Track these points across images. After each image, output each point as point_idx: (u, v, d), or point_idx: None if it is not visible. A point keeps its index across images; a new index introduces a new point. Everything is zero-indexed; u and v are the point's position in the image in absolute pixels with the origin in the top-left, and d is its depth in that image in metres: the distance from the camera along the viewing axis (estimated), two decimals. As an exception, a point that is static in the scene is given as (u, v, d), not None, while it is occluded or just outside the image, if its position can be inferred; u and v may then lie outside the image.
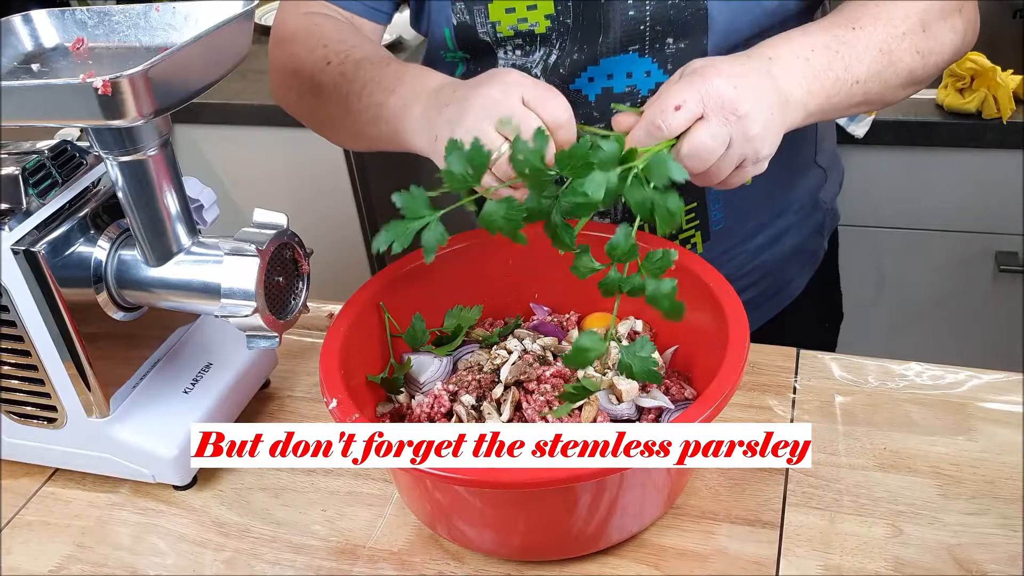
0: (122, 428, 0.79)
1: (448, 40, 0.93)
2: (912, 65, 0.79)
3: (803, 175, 1.04)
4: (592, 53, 0.88)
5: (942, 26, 0.81)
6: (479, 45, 0.92)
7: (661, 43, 0.87)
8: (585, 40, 0.88)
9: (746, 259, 1.02)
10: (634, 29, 0.86)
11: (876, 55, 0.77)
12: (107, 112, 0.60)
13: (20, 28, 0.76)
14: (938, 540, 0.70)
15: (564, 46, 0.89)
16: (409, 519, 0.77)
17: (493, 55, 0.92)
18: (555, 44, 0.89)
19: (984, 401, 0.82)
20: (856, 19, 0.78)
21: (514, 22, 0.89)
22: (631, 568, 0.71)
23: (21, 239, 0.70)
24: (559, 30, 0.88)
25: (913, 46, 0.79)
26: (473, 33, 0.91)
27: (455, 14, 0.90)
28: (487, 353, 0.81)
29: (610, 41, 0.87)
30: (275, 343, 0.73)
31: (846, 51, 0.76)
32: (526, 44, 0.90)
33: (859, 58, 0.76)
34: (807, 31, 0.76)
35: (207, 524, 0.80)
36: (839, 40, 0.76)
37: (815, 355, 0.89)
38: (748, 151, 0.69)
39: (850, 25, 0.77)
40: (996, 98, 1.42)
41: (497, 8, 0.88)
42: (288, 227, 0.73)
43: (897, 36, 0.78)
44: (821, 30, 0.76)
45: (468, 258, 0.85)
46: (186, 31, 0.73)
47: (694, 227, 0.96)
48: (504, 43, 0.91)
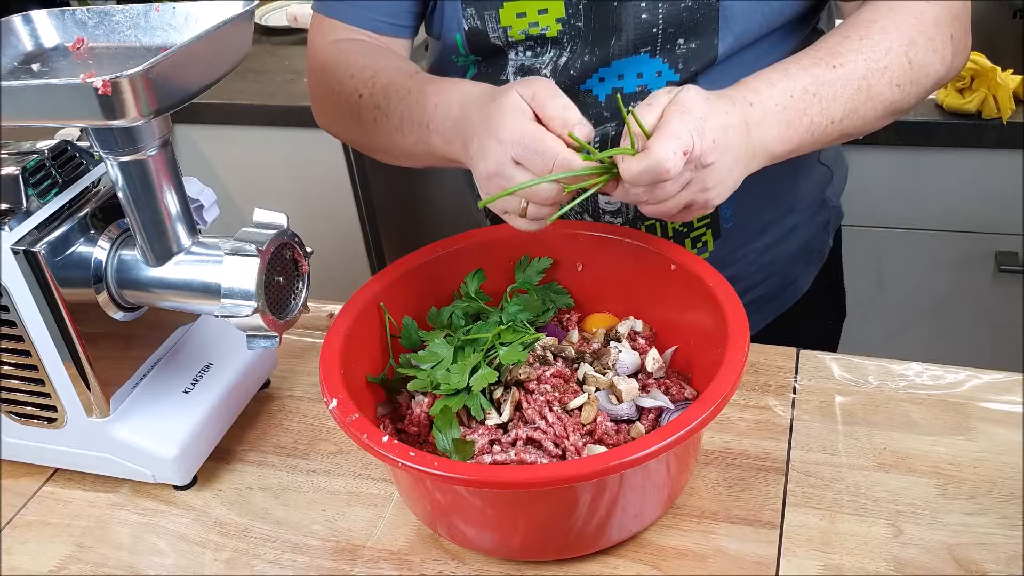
0: (122, 428, 0.79)
1: (460, 45, 0.93)
2: (892, 98, 0.79)
3: (808, 173, 1.04)
4: (604, 55, 0.88)
5: (931, 58, 0.79)
6: (490, 48, 0.92)
7: (673, 44, 0.87)
8: (597, 42, 0.88)
9: (755, 256, 1.02)
10: (647, 32, 0.87)
11: (853, 93, 0.76)
12: (107, 112, 0.60)
13: (20, 28, 0.76)
14: (938, 540, 0.70)
15: (575, 48, 0.89)
16: (409, 519, 0.77)
17: (504, 57, 0.92)
18: (566, 47, 0.90)
19: (984, 401, 0.82)
20: (838, 55, 0.77)
21: (525, 26, 0.89)
22: (631, 568, 0.71)
23: (21, 239, 0.70)
24: (570, 33, 0.89)
25: (893, 80, 0.78)
26: (484, 38, 0.91)
27: (466, 19, 0.90)
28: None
29: (622, 43, 0.87)
30: (275, 343, 0.73)
31: (824, 92, 0.75)
32: (537, 46, 0.91)
33: (836, 97, 0.75)
34: (788, 73, 0.75)
35: (207, 524, 0.80)
36: (818, 81, 0.75)
37: (815, 355, 0.89)
38: (700, 199, 0.69)
39: (831, 63, 0.76)
40: (996, 98, 1.42)
41: (508, 13, 0.88)
42: (288, 227, 0.73)
43: (878, 70, 0.77)
44: (803, 71, 0.76)
45: (468, 258, 0.85)
46: (186, 31, 0.73)
47: (705, 225, 0.97)
48: (515, 46, 0.91)
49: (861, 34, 0.78)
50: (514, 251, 0.85)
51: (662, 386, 0.78)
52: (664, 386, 0.78)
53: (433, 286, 0.85)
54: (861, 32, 0.78)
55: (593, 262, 0.85)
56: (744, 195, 0.87)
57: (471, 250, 0.85)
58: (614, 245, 0.83)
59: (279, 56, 1.94)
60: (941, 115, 1.48)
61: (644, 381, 0.78)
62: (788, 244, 1.04)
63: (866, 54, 0.77)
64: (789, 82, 0.74)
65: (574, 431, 0.72)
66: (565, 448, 0.71)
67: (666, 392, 0.77)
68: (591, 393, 0.75)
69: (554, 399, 0.75)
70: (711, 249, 0.98)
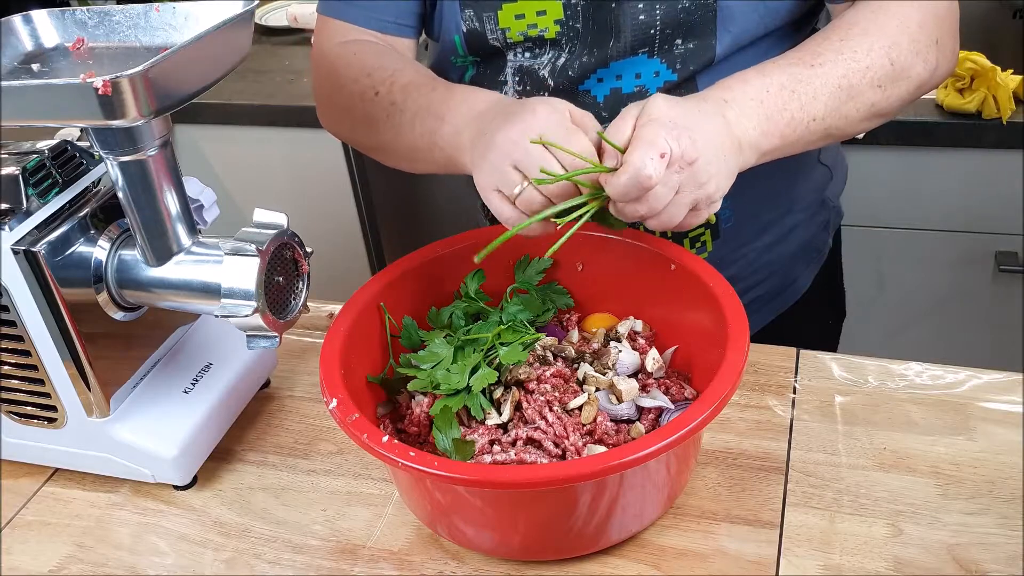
0: (122, 428, 0.79)
1: (458, 47, 0.93)
2: (874, 98, 0.79)
3: (808, 173, 1.04)
4: (602, 56, 0.89)
5: (913, 60, 0.79)
6: (488, 50, 0.92)
7: (671, 44, 0.87)
8: (595, 44, 0.88)
9: (755, 256, 1.02)
10: (645, 32, 0.87)
11: (834, 91, 0.76)
12: (107, 112, 0.60)
13: (20, 28, 0.76)
14: (938, 540, 0.70)
15: (573, 49, 0.89)
16: (409, 519, 0.78)
17: (503, 58, 0.92)
18: (564, 48, 0.90)
19: (984, 401, 0.82)
20: (817, 55, 0.77)
21: (524, 28, 0.89)
22: (631, 568, 0.71)
23: (21, 239, 0.70)
24: (568, 34, 0.89)
25: (875, 80, 0.78)
26: (483, 39, 0.91)
27: (464, 21, 0.90)
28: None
29: (620, 45, 0.88)
30: (275, 343, 0.73)
31: (803, 89, 0.75)
32: (535, 48, 0.91)
33: (815, 95, 0.76)
34: (764, 71, 0.76)
35: (207, 524, 0.80)
36: (796, 79, 0.76)
37: (815, 355, 0.89)
38: (700, 196, 0.70)
39: (810, 62, 0.77)
40: (996, 98, 1.42)
41: (507, 15, 0.89)
42: (288, 227, 0.73)
43: (859, 70, 0.77)
44: (779, 69, 0.76)
45: (469, 258, 0.85)
46: (186, 31, 0.73)
47: (704, 225, 0.97)
48: (513, 47, 0.91)
49: (841, 36, 0.79)
50: (514, 251, 0.86)
51: (662, 386, 0.78)
52: (664, 386, 0.78)
53: (433, 286, 0.85)
54: (842, 34, 0.79)
55: (593, 262, 0.85)
56: (743, 195, 0.87)
57: (471, 250, 0.85)
58: (614, 245, 0.83)
59: (279, 56, 1.94)
60: (941, 115, 1.48)
61: (644, 381, 0.78)
62: (788, 244, 1.04)
63: (846, 54, 0.77)
64: (764, 79, 0.75)
65: (574, 431, 0.72)
66: (565, 448, 0.71)
67: (666, 392, 0.77)
68: (591, 393, 0.75)
69: (554, 399, 0.75)
70: (710, 249, 0.98)
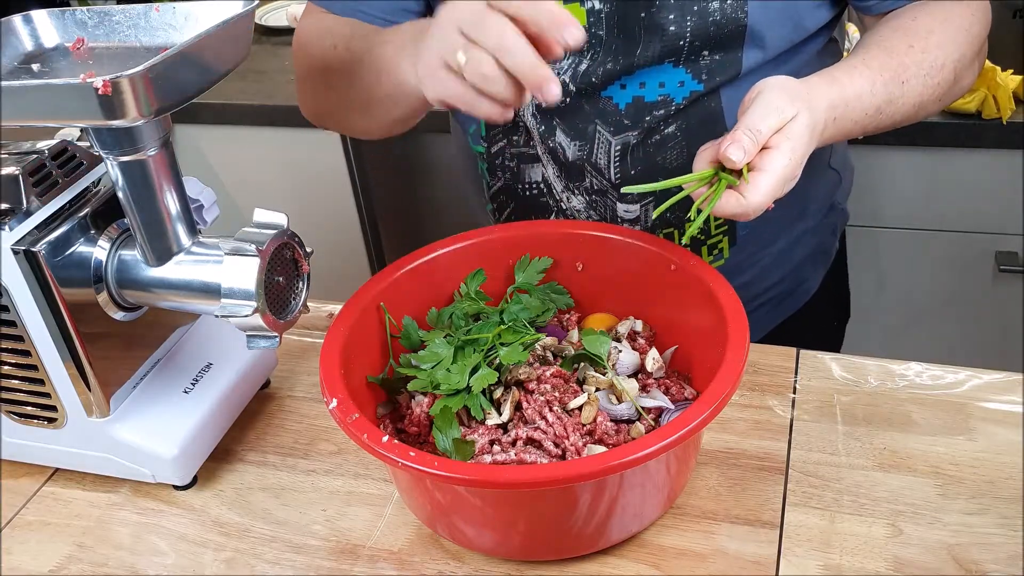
0: (122, 428, 0.79)
1: None
2: (931, 109, 0.84)
3: (819, 179, 1.05)
4: (627, 64, 0.88)
5: (966, 73, 0.84)
6: None
7: (698, 55, 0.87)
8: (620, 51, 0.88)
9: (770, 261, 1.03)
10: (673, 44, 0.86)
11: (908, 111, 0.81)
12: (107, 112, 0.60)
13: (20, 28, 0.76)
14: (938, 540, 0.70)
15: (596, 56, 0.89)
16: (409, 519, 0.78)
17: None
18: (586, 54, 0.89)
19: (984, 401, 0.82)
20: (905, 68, 0.80)
21: None
22: (631, 568, 0.71)
23: (21, 239, 0.70)
24: (591, 41, 0.88)
25: (938, 95, 0.82)
26: None
27: None
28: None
29: (648, 54, 0.87)
30: (275, 343, 0.73)
31: (889, 111, 0.79)
32: None
33: (893, 116, 0.80)
34: (874, 91, 0.78)
35: (207, 524, 0.80)
36: (888, 100, 0.79)
37: (815, 355, 0.89)
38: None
39: (901, 78, 0.79)
40: (996, 98, 1.42)
41: None
42: (288, 227, 0.73)
43: (932, 86, 0.82)
44: (881, 87, 0.78)
45: (469, 258, 0.85)
46: (186, 31, 0.73)
47: (722, 232, 0.97)
48: None
49: (922, 46, 0.81)
50: (514, 251, 0.86)
51: (662, 386, 0.78)
52: (664, 386, 0.78)
53: (433, 286, 0.84)
54: (922, 44, 0.81)
55: (593, 262, 0.85)
56: None
57: (471, 250, 0.85)
58: (614, 245, 0.83)
59: (279, 56, 1.94)
60: (941, 115, 1.48)
61: (644, 381, 0.78)
62: (800, 248, 1.05)
63: (925, 69, 0.80)
64: (865, 101, 0.78)
65: (574, 431, 0.72)
66: (565, 448, 0.71)
67: (666, 392, 0.77)
68: (591, 393, 0.75)
69: (554, 399, 0.74)
70: (727, 256, 0.98)
